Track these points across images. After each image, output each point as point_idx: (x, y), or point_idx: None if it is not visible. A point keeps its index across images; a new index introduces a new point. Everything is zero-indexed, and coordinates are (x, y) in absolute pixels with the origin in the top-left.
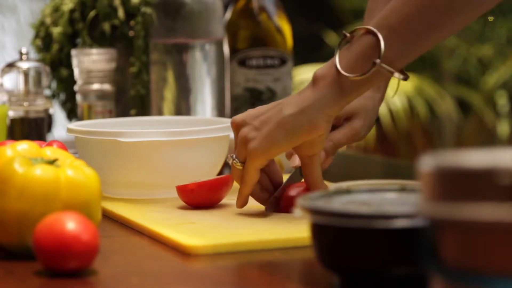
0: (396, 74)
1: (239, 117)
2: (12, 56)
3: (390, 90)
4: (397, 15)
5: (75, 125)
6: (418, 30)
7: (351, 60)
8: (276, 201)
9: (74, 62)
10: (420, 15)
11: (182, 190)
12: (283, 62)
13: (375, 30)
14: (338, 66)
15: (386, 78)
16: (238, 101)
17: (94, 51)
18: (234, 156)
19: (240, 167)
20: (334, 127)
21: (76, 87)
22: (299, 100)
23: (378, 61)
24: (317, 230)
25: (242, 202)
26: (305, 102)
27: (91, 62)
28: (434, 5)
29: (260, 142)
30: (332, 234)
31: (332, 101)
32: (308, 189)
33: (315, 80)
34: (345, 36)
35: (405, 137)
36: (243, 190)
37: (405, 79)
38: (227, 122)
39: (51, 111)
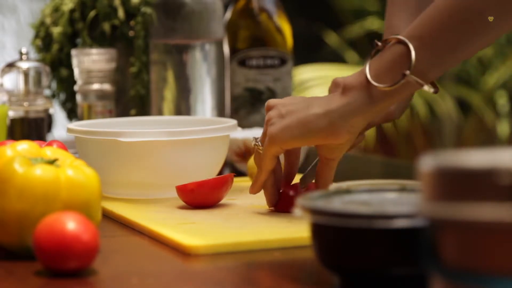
0: (426, 87)
1: (273, 100)
2: (12, 56)
3: None
4: (429, 26)
5: (75, 125)
6: (450, 42)
7: (381, 70)
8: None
9: (74, 62)
10: (453, 27)
11: (182, 190)
12: (283, 62)
13: (406, 40)
14: (368, 75)
15: (416, 89)
16: (238, 101)
17: (94, 51)
18: (258, 139)
19: (261, 152)
20: None
21: (76, 87)
22: (327, 102)
23: (408, 72)
24: (317, 230)
25: (255, 189)
26: (330, 106)
27: (91, 62)
28: (467, 17)
29: (279, 129)
30: (332, 234)
31: (357, 110)
32: (308, 189)
33: (344, 87)
34: (376, 45)
35: (405, 137)
36: (258, 176)
37: (436, 92)
38: (227, 122)
39: (51, 111)
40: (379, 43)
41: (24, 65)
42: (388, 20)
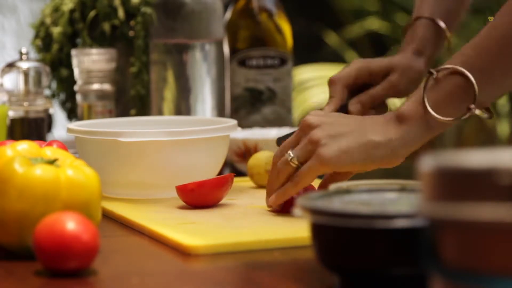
0: (485, 115)
1: (314, 118)
2: (12, 56)
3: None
4: (487, 57)
5: (75, 125)
6: (508, 71)
7: (440, 101)
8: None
9: (74, 62)
10: (510, 56)
11: (182, 190)
12: (283, 62)
13: (466, 72)
14: (428, 108)
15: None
16: (238, 101)
17: (94, 51)
18: (292, 154)
19: (295, 166)
20: (372, 86)
21: (76, 87)
22: (386, 131)
23: (473, 106)
24: (317, 230)
25: (278, 201)
26: (390, 135)
27: (91, 62)
28: None
29: (336, 152)
30: (332, 234)
31: (418, 139)
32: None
33: (401, 117)
34: (431, 73)
35: None
36: (289, 190)
37: (490, 117)
38: (227, 122)
39: (51, 111)
40: (434, 72)
41: (24, 65)
42: (416, 5)
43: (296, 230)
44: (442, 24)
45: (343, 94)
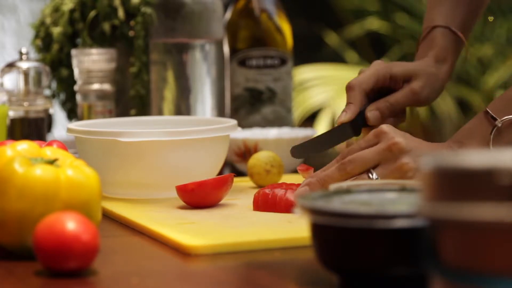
0: None
1: (404, 141)
2: (12, 56)
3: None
4: None
5: (75, 125)
6: None
7: (502, 146)
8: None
9: (74, 62)
10: None
11: (182, 190)
12: (283, 62)
13: None
14: None
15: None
16: (238, 101)
17: (94, 51)
18: (376, 176)
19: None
20: (394, 91)
21: (76, 87)
22: None
23: None
24: (317, 230)
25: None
26: None
27: (91, 62)
28: None
29: None
30: (332, 234)
31: None
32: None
33: None
34: (495, 120)
35: None
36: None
37: None
38: (227, 122)
39: (51, 111)
40: (500, 121)
41: (24, 65)
42: (429, 13)
43: (296, 230)
44: (459, 33)
45: (361, 100)
